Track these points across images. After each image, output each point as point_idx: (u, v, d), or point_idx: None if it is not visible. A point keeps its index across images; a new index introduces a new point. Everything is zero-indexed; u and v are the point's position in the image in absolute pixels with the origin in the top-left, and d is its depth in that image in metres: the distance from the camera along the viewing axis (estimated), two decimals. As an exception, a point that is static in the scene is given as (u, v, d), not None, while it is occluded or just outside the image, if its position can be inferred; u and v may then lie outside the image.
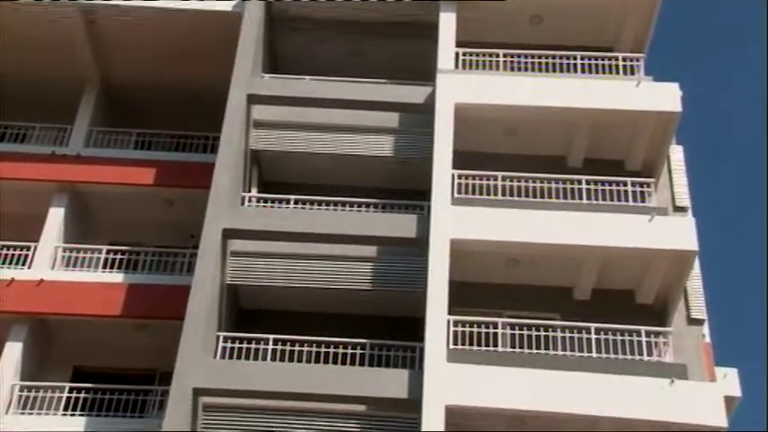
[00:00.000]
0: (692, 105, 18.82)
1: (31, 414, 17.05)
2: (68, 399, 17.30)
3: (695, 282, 18.36)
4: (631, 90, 18.77)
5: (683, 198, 19.47)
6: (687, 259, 17.27)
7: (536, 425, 15.77)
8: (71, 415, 17.03)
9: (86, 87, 21.33)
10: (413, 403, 15.37)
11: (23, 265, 18.70)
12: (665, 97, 18.66)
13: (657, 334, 16.79)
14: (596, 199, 17.96)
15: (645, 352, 16.47)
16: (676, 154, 20.12)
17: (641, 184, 18.27)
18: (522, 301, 17.68)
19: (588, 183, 18.12)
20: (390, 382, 15.65)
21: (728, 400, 17.30)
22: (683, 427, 15.51)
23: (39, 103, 21.26)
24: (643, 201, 18.16)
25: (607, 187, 18.09)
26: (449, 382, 15.51)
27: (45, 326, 18.21)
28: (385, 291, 17.34)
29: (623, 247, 17.17)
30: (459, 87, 18.71)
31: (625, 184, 18.14)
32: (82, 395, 17.29)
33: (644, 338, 16.57)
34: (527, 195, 18.04)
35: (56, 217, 19.29)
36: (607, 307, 17.49)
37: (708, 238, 18.32)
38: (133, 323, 17.95)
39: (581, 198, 17.97)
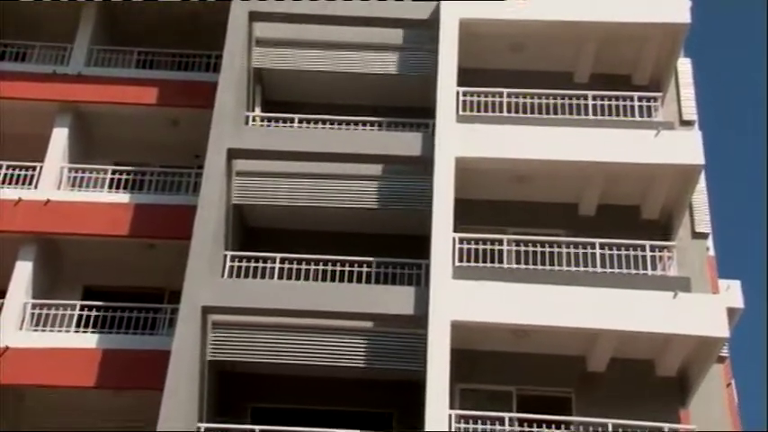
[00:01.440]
0: (701, 19, 18.78)
1: (43, 331, 17.49)
2: (80, 316, 17.68)
3: (700, 196, 18.52)
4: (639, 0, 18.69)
5: (690, 112, 19.51)
6: (693, 173, 17.44)
7: (539, 339, 16.20)
8: (83, 332, 17.40)
9: (85, 6, 21.20)
10: (419, 319, 15.76)
11: (30, 185, 18.92)
12: (674, 8, 18.57)
13: (662, 248, 17.04)
14: (602, 114, 18.08)
15: (649, 266, 16.74)
16: (684, 67, 20.09)
17: (648, 99, 18.32)
18: (527, 218, 17.93)
19: (594, 98, 18.22)
20: (396, 299, 16.00)
21: (731, 312, 17.68)
22: (685, 339, 15.87)
23: (38, 22, 21.12)
24: (650, 115, 18.23)
25: (613, 102, 18.20)
26: (454, 298, 15.86)
27: (54, 245, 18.52)
28: (390, 209, 17.56)
29: (629, 162, 17.33)
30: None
31: (632, 98, 18.22)
32: (93, 313, 17.66)
33: (648, 253, 16.83)
34: (532, 112, 18.15)
35: (60, 137, 19.39)
36: (612, 222, 17.73)
37: (714, 151, 18.46)
38: (141, 242, 18.20)
39: (587, 114, 18.09)
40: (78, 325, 17.66)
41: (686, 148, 17.52)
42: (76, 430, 16.94)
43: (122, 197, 18.67)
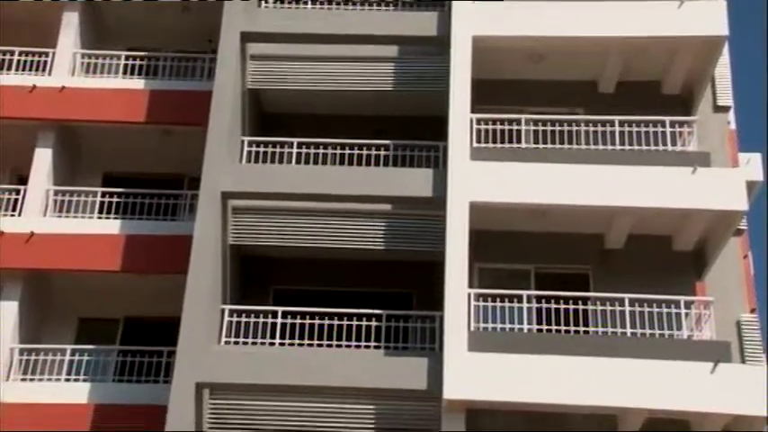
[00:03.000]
0: None
1: (66, 217, 17.94)
2: (101, 203, 18.10)
3: (723, 69, 18.37)
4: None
5: (714, -20, 19.09)
6: (716, 45, 17.30)
7: (557, 218, 16.50)
8: (105, 218, 17.87)
9: None
10: (437, 201, 16.04)
11: (43, 71, 19.07)
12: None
13: (682, 123, 17.11)
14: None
15: (669, 142, 16.83)
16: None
17: (670, -30, 17.97)
18: (545, 97, 17.92)
19: (613, -27, 17.84)
20: (414, 181, 16.27)
21: (750, 185, 17.76)
22: (703, 214, 16.14)
23: None
24: (673, -15, 17.90)
25: (634, -25, 17.85)
26: (472, 179, 16.08)
27: (71, 132, 18.81)
28: (407, 91, 17.58)
29: (650, 35, 17.16)
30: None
31: (653, -29, 17.87)
32: (114, 199, 18.10)
33: (668, 129, 16.92)
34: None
35: (71, 21, 19.38)
36: (632, 99, 17.73)
37: (737, 21, 18.15)
38: (158, 129, 18.45)
39: (605, -12, 17.78)
40: (101, 211, 18.10)
41: (710, 18, 17.31)
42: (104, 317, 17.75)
43: (137, 83, 18.85)
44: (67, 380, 16.86)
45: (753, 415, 14.67)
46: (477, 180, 16.11)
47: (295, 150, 17.14)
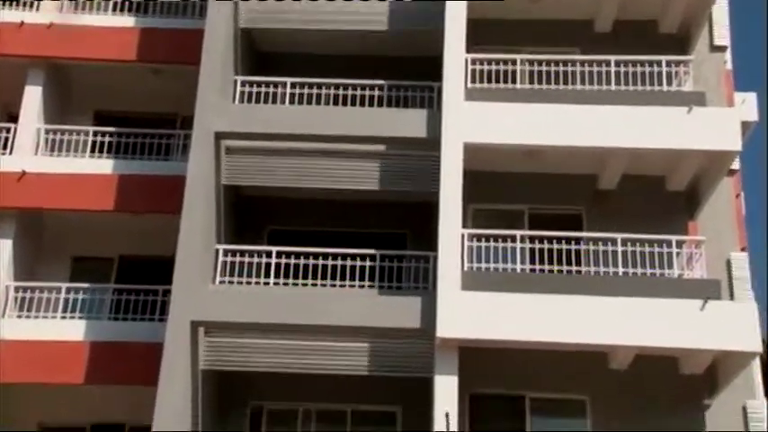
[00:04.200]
0: None
1: (59, 155, 18.00)
2: (93, 142, 18.15)
3: (721, 8, 18.33)
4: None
5: None
6: (715, -18, 17.15)
7: (551, 159, 16.65)
8: (98, 157, 17.94)
9: None
10: (432, 142, 16.11)
11: (31, 8, 19.03)
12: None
13: (678, 63, 17.09)
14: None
15: (665, 82, 16.82)
16: None
17: None
18: (541, 37, 17.90)
19: None
20: (409, 122, 16.32)
21: (745, 125, 17.97)
22: (697, 154, 16.26)
23: None
24: None
25: None
26: (466, 120, 16.14)
27: (61, 70, 18.84)
28: (401, 30, 17.46)
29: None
30: None
31: None
32: (106, 139, 18.17)
33: (664, 68, 16.89)
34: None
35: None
36: (629, 39, 17.74)
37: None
38: (149, 68, 18.48)
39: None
40: (93, 150, 18.14)
41: (707, -43, 17.19)
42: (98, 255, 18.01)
43: (128, 21, 18.80)
44: (63, 317, 17.04)
45: (740, 351, 14.96)
46: (472, 121, 16.17)
47: (288, 90, 17.11)
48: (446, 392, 14.59)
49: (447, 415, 13.32)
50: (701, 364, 15.60)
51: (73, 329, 16.85)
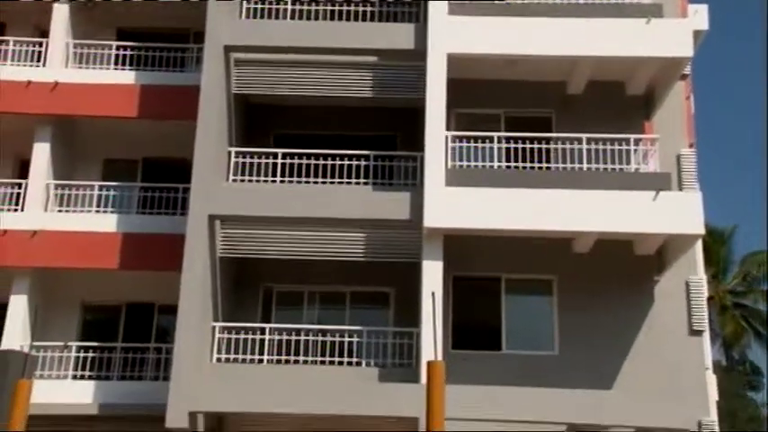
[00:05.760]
0: None
1: (87, 68, 17.17)
2: (116, 56, 17.28)
3: None
4: None
5: None
6: None
7: (525, 67, 15.80)
8: (121, 69, 17.04)
9: None
10: (418, 53, 15.32)
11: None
12: None
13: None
14: None
15: (624, 0, 15.79)
16: None
17: None
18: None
19: None
20: (398, 35, 15.48)
21: (696, 34, 17.01)
22: (654, 60, 15.51)
23: None
24: None
25: None
26: (450, 32, 15.27)
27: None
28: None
29: None
30: None
31: None
32: (128, 52, 17.24)
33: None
34: None
35: None
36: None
37: None
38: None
39: None
40: (116, 63, 17.29)
41: None
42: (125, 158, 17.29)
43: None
44: (97, 212, 16.54)
45: (686, 233, 14.66)
46: (455, 33, 15.30)
47: (290, 7, 16.20)
48: (432, 275, 14.32)
49: (433, 294, 12.88)
50: (653, 246, 15.30)
51: (106, 222, 16.36)
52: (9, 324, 15.71)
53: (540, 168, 15.18)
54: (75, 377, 15.54)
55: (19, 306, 15.82)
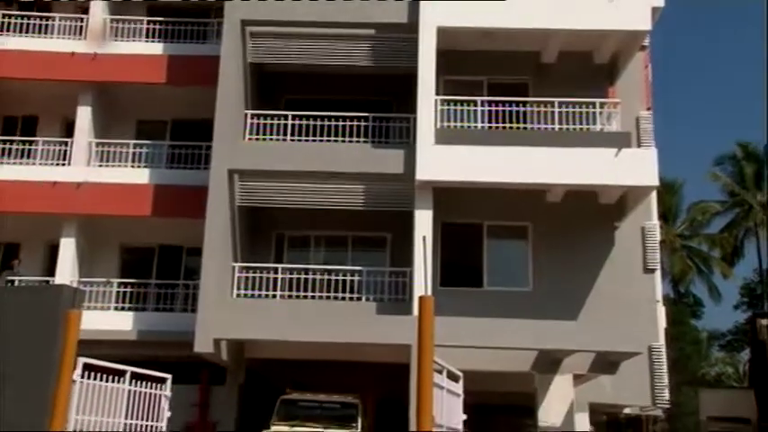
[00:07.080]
0: None
1: (121, 40, 16.68)
2: (147, 30, 16.77)
3: None
4: None
5: None
6: None
7: (505, 39, 15.27)
8: (151, 42, 16.54)
9: None
10: (411, 26, 14.81)
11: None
12: None
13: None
14: None
15: (594, -23, 15.22)
16: None
17: None
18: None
19: None
20: (393, 10, 14.94)
21: (654, 10, 16.47)
22: (617, 33, 15.04)
23: None
24: None
25: None
26: (439, 8, 14.70)
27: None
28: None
29: None
30: None
31: None
32: (157, 27, 16.74)
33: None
34: None
35: None
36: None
37: None
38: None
39: None
40: (147, 36, 16.78)
41: None
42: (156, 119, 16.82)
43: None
44: (132, 167, 16.27)
45: (644, 185, 14.43)
46: (443, 8, 14.76)
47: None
48: (423, 222, 14.09)
49: (424, 238, 12.68)
50: (614, 196, 15.04)
51: (140, 176, 16.11)
52: (60, 263, 15.63)
53: (518, 128, 14.80)
54: (116, 308, 15.55)
55: (68, 247, 15.77)
